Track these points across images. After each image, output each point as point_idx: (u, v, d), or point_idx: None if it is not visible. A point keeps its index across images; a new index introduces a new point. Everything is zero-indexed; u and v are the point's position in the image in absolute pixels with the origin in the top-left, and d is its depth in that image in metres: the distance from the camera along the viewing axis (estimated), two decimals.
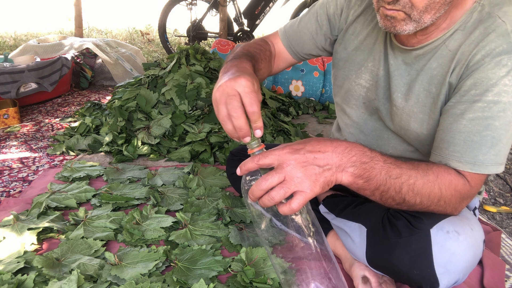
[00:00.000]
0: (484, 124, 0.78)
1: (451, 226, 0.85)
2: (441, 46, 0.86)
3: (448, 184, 0.79)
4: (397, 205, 0.80)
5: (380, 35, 0.98)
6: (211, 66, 2.28)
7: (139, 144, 1.93)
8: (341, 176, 0.73)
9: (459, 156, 0.80)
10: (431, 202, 0.80)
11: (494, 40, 0.77)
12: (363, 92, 1.03)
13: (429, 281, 0.86)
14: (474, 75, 0.79)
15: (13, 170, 1.85)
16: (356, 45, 1.03)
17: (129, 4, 8.57)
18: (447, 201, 0.81)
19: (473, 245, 0.86)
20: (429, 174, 0.78)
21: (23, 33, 6.11)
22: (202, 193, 1.54)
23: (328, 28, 1.08)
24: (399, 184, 0.76)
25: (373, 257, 0.95)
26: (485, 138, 0.78)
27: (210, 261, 1.12)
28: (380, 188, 0.75)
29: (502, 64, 0.76)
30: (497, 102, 0.76)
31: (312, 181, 0.70)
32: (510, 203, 1.69)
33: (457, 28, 0.83)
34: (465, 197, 0.83)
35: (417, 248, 0.85)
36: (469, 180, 0.81)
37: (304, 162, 0.71)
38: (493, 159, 0.79)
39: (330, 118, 2.63)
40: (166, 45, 4.61)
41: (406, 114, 0.93)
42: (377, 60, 0.99)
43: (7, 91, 2.58)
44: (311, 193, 0.71)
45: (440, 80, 0.86)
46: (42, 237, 1.27)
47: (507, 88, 0.76)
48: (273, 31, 1.18)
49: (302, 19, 1.11)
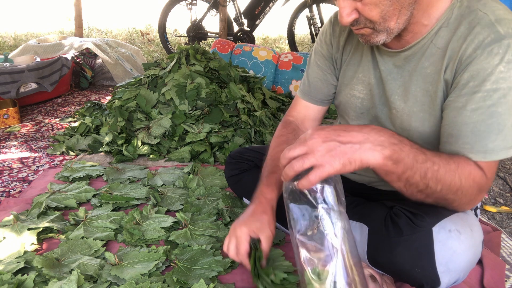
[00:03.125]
0: (488, 112, 0.79)
1: (453, 225, 0.86)
2: (429, 44, 0.87)
3: (468, 175, 0.79)
4: (418, 192, 0.79)
5: (365, 46, 1.00)
6: (211, 66, 2.28)
7: (139, 144, 1.93)
8: (367, 156, 0.72)
9: (469, 148, 0.81)
10: (450, 191, 0.79)
11: (481, 32, 0.79)
12: (359, 103, 1.04)
13: (430, 280, 0.86)
14: (469, 68, 0.80)
15: (13, 170, 1.85)
16: (347, 61, 1.06)
17: (129, 4, 8.57)
18: (465, 191, 0.80)
19: (474, 244, 0.87)
20: (451, 163, 0.79)
21: (23, 33, 6.11)
22: (202, 193, 1.54)
23: (331, 65, 1.11)
24: (424, 169, 0.76)
25: (374, 256, 0.95)
26: (491, 126, 0.79)
27: (210, 261, 1.12)
28: (407, 172, 0.75)
29: (494, 53, 0.78)
30: (496, 90, 0.78)
31: (331, 155, 0.71)
32: (510, 203, 1.69)
33: (440, 25, 0.85)
34: (482, 189, 0.82)
35: (419, 247, 0.86)
36: (486, 171, 0.81)
37: (327, 138, 0.73)
38: (502, 144, 0.80)
39: (330, 118, 2.63)
40: (166, 45, 4.61)
41: (406, 115, 0.93)
42: (366, 70, 1.00)
43: (7, 91, 2.58)
44: (330, 168, 0.72)
45: (435, 78, 0.87)
46: (42, 237, 1.27)
47: (503, 74, 0.77)
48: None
49: (308, 73, 1.16)
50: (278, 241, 1.25)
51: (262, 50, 2.98)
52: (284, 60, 2.91)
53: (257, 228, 0.92)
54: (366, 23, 0.82)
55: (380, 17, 0.80)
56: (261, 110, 2.26)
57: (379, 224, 0.93)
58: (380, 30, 0.82)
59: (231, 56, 2.98)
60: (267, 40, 5.87)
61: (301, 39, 5.64)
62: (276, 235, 1.28)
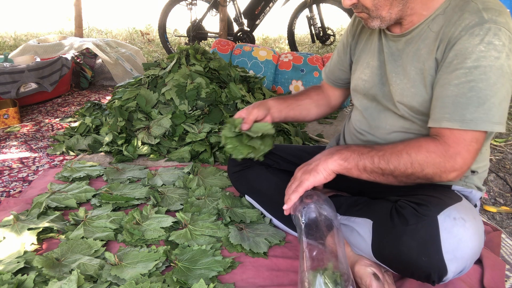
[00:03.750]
0: (468, 86, 0.87)
1: (457, 213, 0.88)
2: (426, 29, 0.98)
3: (417, 148, 0.92)
4: (383, 176, 0.96)
5: (375, 34, 1.13)
6: (211, 66, 2.28)
7: (139, 144, 1.93)
8: (326, 164, 1.00)
9: (448, 117, 0.90)
10: (406, 166, 0.92)
11: (467, 17, 0.89)
12: (363, 85, 1.15)
13: (437, 268, 0.86)
14: (454, 48, 0.90)
15: (13, 170, 1.85)
16: (360, 48, 1.19)
17: (129, 4, 8.57)
18: (423, 162, 0.91)
19: (478, 232, 0.89)
20: (398, 145, 0.96)
21: (23, 33, 6.11)
22: (202, 193, 1.54)
23: (347, 52, 1.26)
24: (370, 156, 0.96)
25: (379, 249, 0.95)
26: (471, 99, 0.87)
27: (210, 261, 1.12)
28: (359, 164, 0.97)
29: (475, 34, 0.87)
30: (477, 67, 0.86)
31: (305, 174, 1.03)
32: (510, 203, 1.69)
33: (438, 13, 0.96)
34: (443, 155, 0.90)
35: (424, 235, 0.87)
36: (447, 140, 0.90)
37: (301, 168, 1.07)
38: (484, 117, 0.87)
39: (330, 118, 2.63)
40: (166, 45, 4.61)
41: (400, 90, 1.03)
42: (372, 54, 1.13)
43: (7, 91, 2.58)
44: (306, 182, 1.01)
45: (426, 58, 0.97)
46: (42, 237, 1.27)
47: (484, 53, 0.86)
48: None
49: (332, 57, 1.35)
50: (278, 241, 1.26)
51: (262, 50, 2.98)
52: (284, 60, 2.91)
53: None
54: (363, 9, 0.98)
55: (373, 5, 0.95)
56: None
57: (384, 217, 0.94)
58: (374, 16, 0.98)
59: (231, 56, 2.98)
60: (267, 40, 5.87)
61: (301, 39, 5.64)
62: (276, 234, 1.28)
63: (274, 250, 1.23)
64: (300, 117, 1.36)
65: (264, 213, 1.35)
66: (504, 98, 0.88)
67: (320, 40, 4.44)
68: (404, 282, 1.04)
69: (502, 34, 0.86)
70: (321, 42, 4.46)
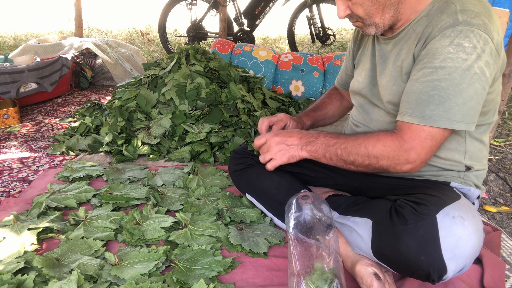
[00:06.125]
0: (431, 85, 0.92)
1: (456, 212, 0.88)
2: (410, 31, 1.03)
3: (374, 142, 1.00)
4: (347, 164, 1.06)
5: (370, 39, 1.20)
6: (211, 66, 2.28)
7: (139, 144, 1.93)
8: (299, 152, 1.14)
9: (410, 112, 0.95)
10: (363, 158, 1.02)
11: (444, 18, 0.93)
12: (357, 86, 1.23)
13: (437, 267, 0.86)
14: (427, 47, 0.95)
15: (13, 170, 1.85)
16: (360, 53, 1.27)
17: (129, 4, 8.57)
18: (379, 155, 1.00)
19: (477, 230, 0.89)
20: (359, 138, 1.04)
21: (23, 33, 6.11)
22: (202, 193, 1.54)
23: (351, 58, 1.35)
24: (335, 148, 1.07)
25: (379, 248, 0.95)
26: (432, 97, 0.92)
27: (210, 261, 1.12)
28: (326, 155, 1.09)
29: (447, 35, 0.91)
30: (443, 67, 0.91)
31: (281, 153, 1.16)
32: (510, 203, 1.69)
33: (422, 15, 1.01)
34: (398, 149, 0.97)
35: (424, 234, 0.87)
36: (403, 134, 0.96)
37: (279, 141, 1.16)
38: (443, 115, 0.91)
39: None
40: (166, 45, 4.61)
41: (384, 89, 1.10)
42: (367, 57, 1.20)
43: (7, 91, 2.58)
44: (279, 161, 1.16)
45: (406, 56, 1.02)
46: (42, 237, 1.27)
47: (451, 55, 0.90)
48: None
49: (342, 64, 1.47)
50: (278, 241, 1.26)
51: (262, 50, 2.98)
52: (284, 60, 2.91)
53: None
54: (357, 18, 1.04)
55: (365, 14, 1.01)
56: (261, 110, 2.26)
57: (384, 216, 0.95)
58: (368, 24, 1.04)
59: (231, 56, 2.98)
60: (267, 40, 5.87)
61: (301, 39, 5.64)
62: (276, 234, 1.28)
63: (274, 250, 1.23)
64: (326, 124, 1.52)
65: (265, 212, 1.36)
66: (471, 98, 0.90)
67: (320, 40, 4.45)
68: (405, 282, 1.04)
69: (474, 36, 0.88)
70: (321, 42, 4.47)
